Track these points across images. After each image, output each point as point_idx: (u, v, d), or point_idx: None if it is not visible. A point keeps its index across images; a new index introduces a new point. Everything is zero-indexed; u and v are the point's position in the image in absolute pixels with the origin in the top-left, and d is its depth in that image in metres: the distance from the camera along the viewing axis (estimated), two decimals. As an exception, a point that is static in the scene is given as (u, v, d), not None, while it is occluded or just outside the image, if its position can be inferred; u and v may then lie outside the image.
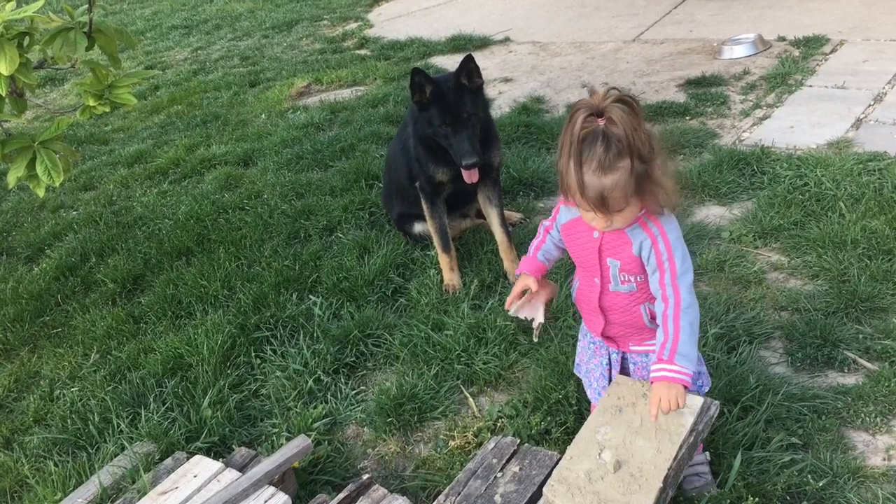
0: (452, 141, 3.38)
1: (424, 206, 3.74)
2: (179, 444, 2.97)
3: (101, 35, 2.80)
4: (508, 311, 2.41)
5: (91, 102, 2.89)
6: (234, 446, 2.95)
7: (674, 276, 2.05)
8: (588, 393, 2.51)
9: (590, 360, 2.43)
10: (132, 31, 10.80)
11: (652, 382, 2.07)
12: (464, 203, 4.01)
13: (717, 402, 2.17)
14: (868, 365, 2.84)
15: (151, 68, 8.91)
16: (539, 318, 2.41)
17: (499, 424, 2.86)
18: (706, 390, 2.38)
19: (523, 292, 2.40)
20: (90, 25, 2.73)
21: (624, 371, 2.36)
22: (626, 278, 2.15)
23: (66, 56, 2.67)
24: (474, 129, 3.40)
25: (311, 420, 3.00)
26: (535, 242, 2.43)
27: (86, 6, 2.71)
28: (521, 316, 2.43)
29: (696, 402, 2.13)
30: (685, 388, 2.03)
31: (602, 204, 1.92)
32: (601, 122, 1.87)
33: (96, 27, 2.76)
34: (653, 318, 2.18)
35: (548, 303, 2.45)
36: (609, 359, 2.35)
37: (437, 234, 3.75)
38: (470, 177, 3.44)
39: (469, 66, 3.37)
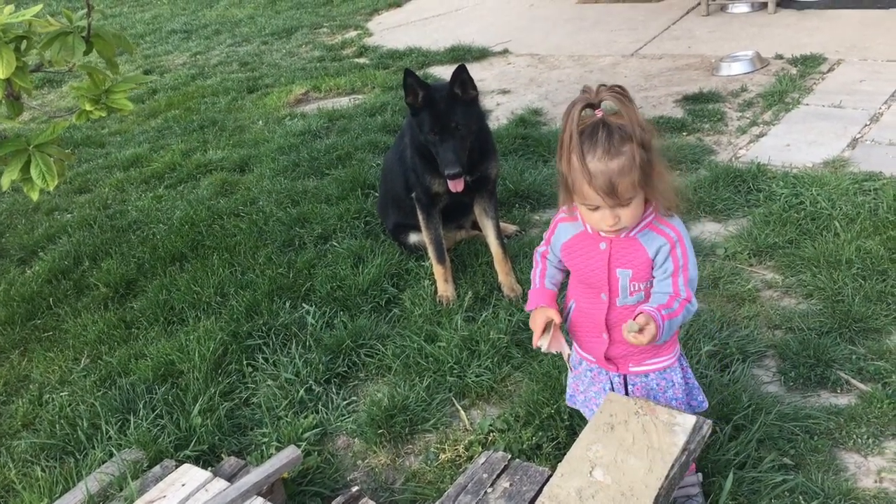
0: (439, 149, 3.38)
1: (420, 217, 3.74)
2: (168, 452, 2.94)
3: (99, 40, 2.79)
4: (539, 348, 2.31)
5: (87, 107, 2.88)
6: (223, 455, 2.93)
7: (686, 281, 2.08)
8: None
9: (588, 388, 2.40)
10: (131, 35, 10.81)
11: (640, 313, 2.02)
12: (460, 214, 4.00)
13: (709, 422, 2.16)
14: (861, 386, 2.84)
15: (150, 72, 8.91)
16: (566, 349, 2.33)
17: (490, 438, 2.84)
18: (705, 406, 2.38)
19: (546, 326, 2.33)
20: (88, 30, 2.72)
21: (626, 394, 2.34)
22: (637, 287, 2.13)
23: (63, 60, 2.67)
24: (463, 140, 3.39)
25: (301, 430, 2.98)
26: (536, 271, 2.36)
27: (84, 10, 2.71)
28: (554, 351, 2.34)
29: (689, 421, 2.12)
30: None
31: (612, 191, 1.91)
32: (599, 114, 1.91)
33: (94, 32, 2.75)
34: None
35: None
36: (611, 383, 2.33)
37: (432, 245, 3.74)
38: (455, 186, 3.43)
39: (462, 77, 3.36)
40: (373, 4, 10.60)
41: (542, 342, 2.27)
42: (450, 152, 3.36)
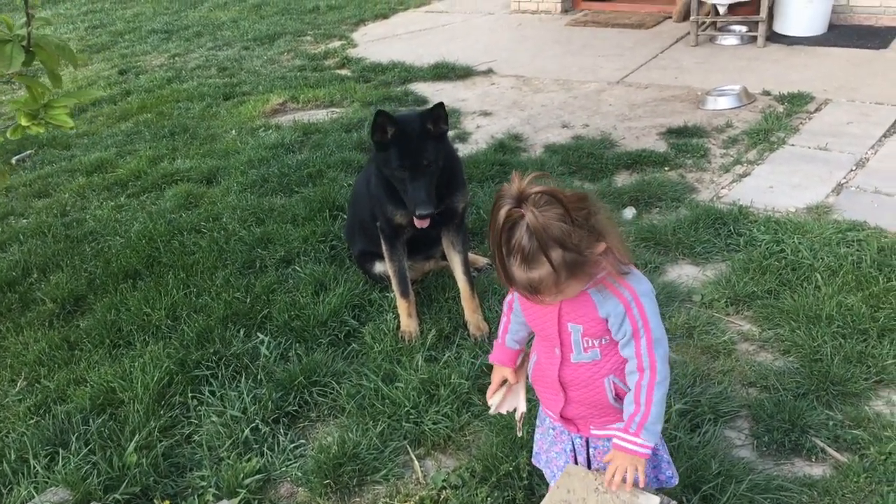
0: (409, 187, 3.20)
1: (384, 248, 3.56)
2: (97, 494, 2.74)
3: (40, 50, 2.58)
4: (489, 407, 2.25)
5: (24, 122, 2.68)
6: (155, 500, 2.73)
7: (650, 343, 1.91)
8: (551, 484, 2.31)
9: (550, 447, 2.24)
10: (110, 32, 10.58)
11: (613, 448, 1.97)
12: (428, 245, 3.83)
13: (674, 502, 1.99)
14: (837, 455, 2.69)
15: (126, 72, 8.67)
16: (522, 407, 2.25)
17: (443, 495, 2.66)
18: (675, 482, 2.21)
19: (502, 383, 2.26)
20: (29, 39, 2.52)
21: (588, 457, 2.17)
22: (590, 343, 1.97)
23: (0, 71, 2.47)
24: (433, 176, 3.23)
25: (242, 475, 2.78)
26: (502, 322, 2.25)
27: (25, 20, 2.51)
28: (503, 411, 2.27)
29: (652, 502, 1.95)
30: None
31: (534, 292, 1.80)
32: (523, 215, 1.73)
33: (35, 42, 2.55)
34: (617, 395, 2.01)
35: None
36: (573, 444, 2.17)
37: (395, 278, 3.56)
38: (422, 224, 3.26)
39: (438, 113, 3.20)
40: (359, 14, 10.42)
41: (493, 400, 2.25)
42: (421, 191, 3.18)
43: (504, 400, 2.28)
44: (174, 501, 2.75)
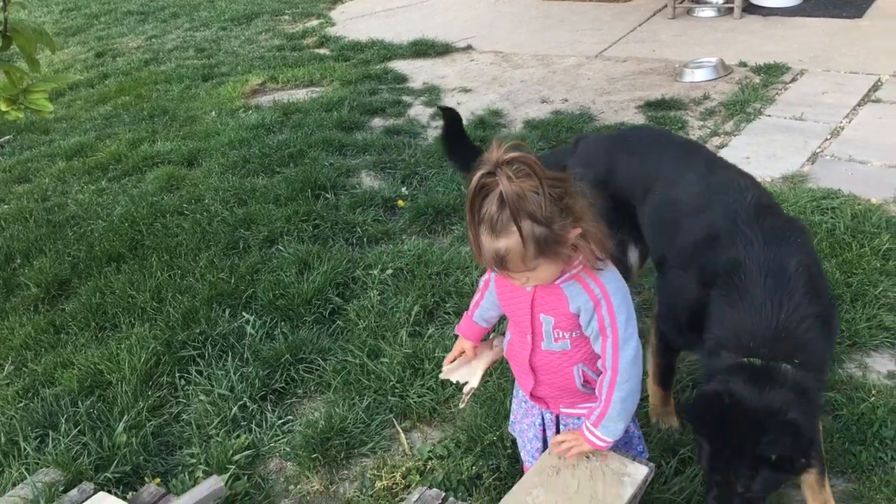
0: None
1: (656, 343, 2.72)
2: (88, 473, 2.78)
3: (18, 35, 2.59)
4: (441, 373, 2.30)
5: (3, 107, 2.68)
6: (146, 478, 2.77)
7: (615, 344, 1.91)
8: (521, 454, 2.37)
9: (522, 419, 2.30)
10: (85, 15, 10.47)
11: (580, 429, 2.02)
12: None
13: (651, 465, 2.06)
14: (811, 417, 2.76)
15: (102, 55, 8.61)
16: (473, 382, 2.28)
17: (429, 466, 2.72)
18: (646, 457, 2.26)
19: (461, 354, 2.31)
20: (5, 24, 2.52)
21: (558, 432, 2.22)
22: (561, 335, 1.99)
23: (-24, 55, 2.47)
24: None
25: (231, 452, 2.83)
26: (475, 298, 2.27)
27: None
28: (454, 379, 2.30)
29: (640, 472, 2.00)
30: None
31: (501, 265, 1.79)
32: (496, 181, 1.71)
33: (12, 26, 2.55)
34: (585, 381, 2.05)
35: (490, 366, 2.32)
36: (543, 419, 2.22)
37: (656, 371, 2.76)
38: None
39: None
40: (337, -8, 10.37)
41: (448, 366, 2.32)
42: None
43: (457, 370, 2.31)
44: (164, 479, 2.80)
